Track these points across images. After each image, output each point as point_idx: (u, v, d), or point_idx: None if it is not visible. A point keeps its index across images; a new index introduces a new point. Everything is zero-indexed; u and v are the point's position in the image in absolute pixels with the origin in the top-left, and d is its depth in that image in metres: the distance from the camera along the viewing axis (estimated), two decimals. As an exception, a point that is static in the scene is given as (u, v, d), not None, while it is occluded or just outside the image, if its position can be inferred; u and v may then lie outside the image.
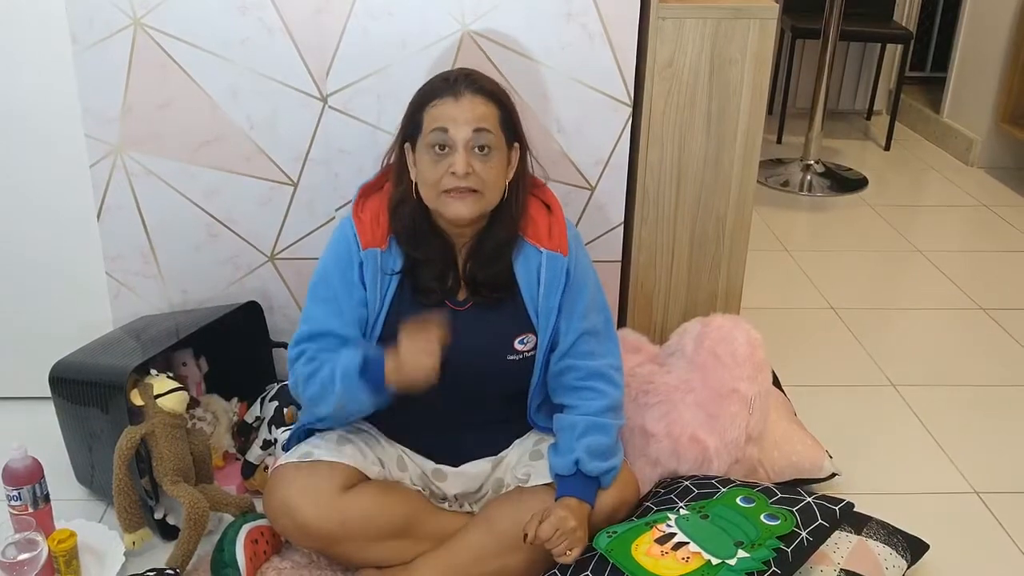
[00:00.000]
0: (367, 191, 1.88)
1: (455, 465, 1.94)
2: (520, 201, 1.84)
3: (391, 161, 1.86)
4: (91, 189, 2.24)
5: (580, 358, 1.87)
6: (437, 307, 1.83)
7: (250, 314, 2.30)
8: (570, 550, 1.73)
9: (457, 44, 2.15)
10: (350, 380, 1.72)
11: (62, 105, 2.18)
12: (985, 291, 3.26)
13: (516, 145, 1.81)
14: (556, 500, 1.80)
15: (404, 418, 1.92)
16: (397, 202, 1.82)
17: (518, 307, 1.85)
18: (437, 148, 1.72)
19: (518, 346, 1.85)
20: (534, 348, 1.86)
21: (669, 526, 1.77)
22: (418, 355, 1.67)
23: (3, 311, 2.38)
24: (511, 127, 1.79)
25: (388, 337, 1.81)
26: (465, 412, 1.91)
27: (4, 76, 2.17)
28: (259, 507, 1.97)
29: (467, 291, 1.85)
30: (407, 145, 1.80)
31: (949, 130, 4.71)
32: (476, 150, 1.72)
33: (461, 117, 1.71)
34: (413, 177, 1.80)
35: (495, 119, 1.75)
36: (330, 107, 2.19)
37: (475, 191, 1.73)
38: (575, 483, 1.81)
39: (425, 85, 1.81)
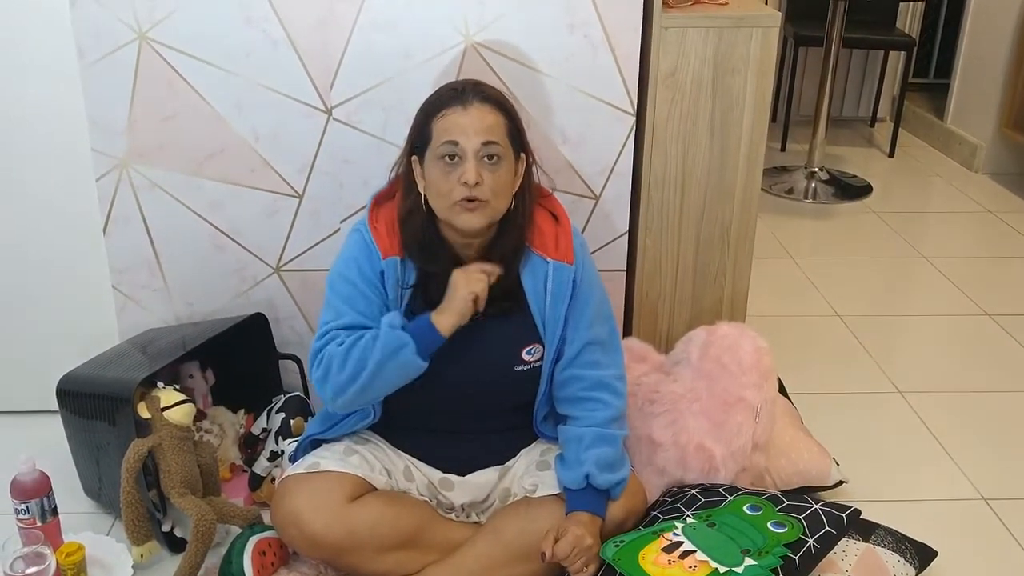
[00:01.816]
0: (380, 200, 1.89)
1: (462, 474, 1.94)
2: (526, 210, 1.84)
3: (400, 172, 1.87)
4: (97, 202, 2.25)
5: (585, 368, 1.87)
6: None
7: (256, 326, 2.30)
8: (587, 567, 1.74)
9: (461, 55, 2.16)
10: (393, 331, 1.72)
11: (68, 119, 2.19)
12: (991, 297, 3.26)
13: (522, 155, 1.82)
14: (567, 515, 1.80)
15: (411, 427, 1.93)
16: (406, 214, 1.82)
17: (525, 318, 1.86)
18: (447, 159, 1.73)
19: (526, 356, 1.86)
20: (541, 358, 1.87)
21: (676, 535, 1.77)
22: (467, 279, 1.74)
23: (10, 325, 2.39)
24: (518, 137, 1.80)
25: None
26: (472, 422, 1.92)
27: (11, 90, 2.19)
28: (266, 519, 1.97)
29: None
30: (415, 157, 1.81)
31: (953, 136, 4.71)
32: (485, 159, 1.73)
33: (470, 127, 1.72)
34: (421, 189, 1.80)
35: (503, 129, 1.76)
36: (335, 119, 2.20)
37: (484, 201, 1.74)
38: (586, 497, 1.81)
39: (432, 96, 1.81)
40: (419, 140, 1.79)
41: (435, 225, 1.82)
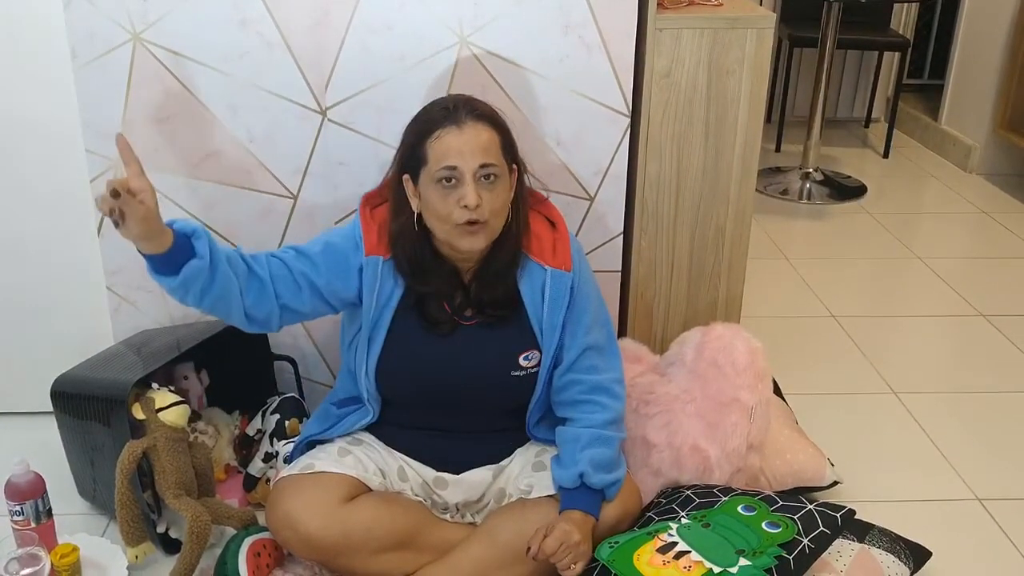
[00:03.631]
0: (373, 201, 1.88)
1: (456, 473, 1.94)
2: (521, 219, 1.84)
3: (390, 186, 1.84)
4: (91, 204, 2.24)
5: (583, 372, 1.88)
6: (445, 328, 1.84)
7: (251, 327, 2.30)
8: (574, 564, 1.73)
9: (456, 57, 2.16)
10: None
11: (62, 120, 2.18)
12: (985, 297, 3.26)
13: (514, 166, 1.81)
14: (560, 513, 1.80)
15: (405, 426, 1.93)
16: (397, 234, 1.81)
17: (523, 324, 1.86)
18: (444, 181, 1.71)
19: (523, 362, 1.86)
20: (538, 364, 1.87)
21: (671, 535, 1.77)
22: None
23: (4, 326, 2.39)
24: (510, 150, 1.79)
25: (390, 350, 1.83)
26: (466, 423, 1.92)
27: (4, 91, 2.18)
28: (261, 520, 1.97)
29: (473, 310, 1.86)
30: (406, 176, 1.79)
31: (947, 137, 4.72)
32: (483, 179, 1.72)
33: (467, 148, 1.70)
34: (415, 208, 1.79)
35: (497, 147, 1.74)
36: (329, 120, 2.20)
37: (484, 222, 1.72)
38: (580, 496, 1.82)
39: (421, 115, 1.79)
40: (411, 160, 1.76)
41: (429, 243, 1.81)
